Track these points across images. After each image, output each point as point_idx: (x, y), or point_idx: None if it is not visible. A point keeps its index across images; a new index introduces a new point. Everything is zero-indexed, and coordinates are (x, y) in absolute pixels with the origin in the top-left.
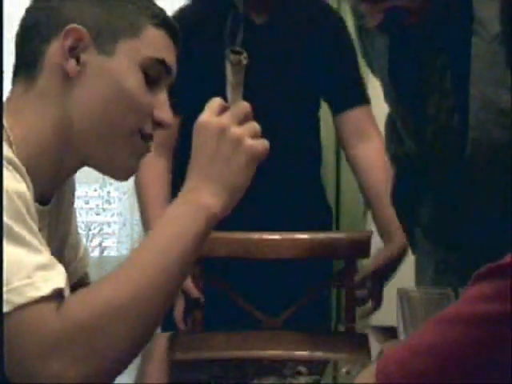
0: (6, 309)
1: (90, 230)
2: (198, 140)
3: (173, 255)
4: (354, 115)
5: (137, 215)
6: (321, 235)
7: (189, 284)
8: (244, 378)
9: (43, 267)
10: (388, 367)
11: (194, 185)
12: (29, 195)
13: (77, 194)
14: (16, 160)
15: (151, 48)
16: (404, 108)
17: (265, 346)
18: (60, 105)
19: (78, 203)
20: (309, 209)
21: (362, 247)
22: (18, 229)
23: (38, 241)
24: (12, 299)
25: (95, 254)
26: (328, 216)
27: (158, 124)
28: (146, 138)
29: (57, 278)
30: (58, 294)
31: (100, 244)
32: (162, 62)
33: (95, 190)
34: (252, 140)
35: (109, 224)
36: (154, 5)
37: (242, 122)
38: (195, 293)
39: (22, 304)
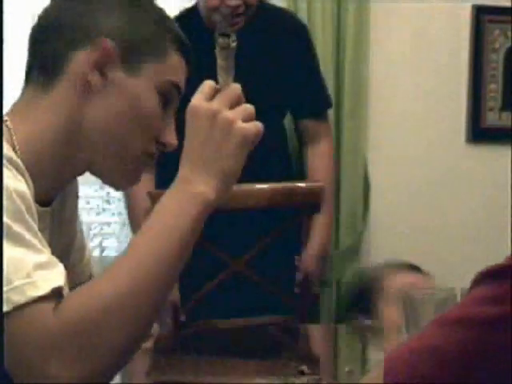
0: (5, 308)
1: (90, 229)
2: (190, 126)
3: (168, 246)
4: (308, 123)
5: None
6: (279, 185)
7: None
8: (245, 377)
9: (43, 266)
10: (395, 368)
11: (186, 173)
12: (29, 194)
13: None
14: (17, 159)
15: (172, 73)
16: None
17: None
18: (74, 113)
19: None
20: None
21: (315, 196)
22: (17, 228)
23: (37, 240)
24: (12, 298)
25: (95, 253)
26: None
27: (163, 145)
28: (149, 155)
29: (56, 276)
30: (57, 293)
31: (100, 244)
32: (178, 86)
33: (95, 191)
34: (244, 123)
35: (109, 224)
36: (175, 26)
37: (233, 105)
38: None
39: (21, 303)
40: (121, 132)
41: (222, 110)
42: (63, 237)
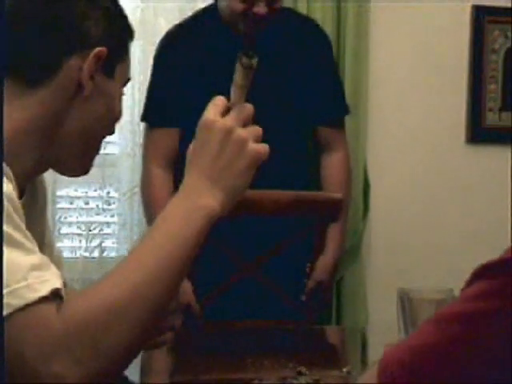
0: (5, 312)
1: (89, 230)
2: (201, 138)
3: (171, 254)
4: (325, 131)
5: (136, 216)
6: (302, 193)
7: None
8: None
9: (38, 268)
10: (390, 367)
11: (194, 183)
12: (15, 195)
13: (77, 194)
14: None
15: (129, 69)
16: None
17: None
18: (59, 113)
19: (77, 204)
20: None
21: (335, 206)
22: (8, 230)
23: (28, 240)
24: (10, 302)
25: (95, 254)
26: None
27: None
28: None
29: (52, 278)
30: (55, 295)
31: (100, 244)
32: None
33: (95, 191)
34: (254, 144)
35: (108, 224)
36: (129, 21)
37: (245, 124)
38: (196, 311)
39: (20, 306)
40: (96, 130)
41: (236, 127)
42: (35, 233)
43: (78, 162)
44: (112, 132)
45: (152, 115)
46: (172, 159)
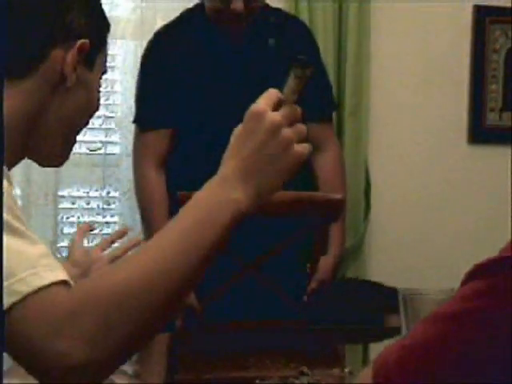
0: (13, 299)
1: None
2: (248, 126)
3: (193, 240)
4: (315, 127)
5: (136, 216)
6: (304, 193)
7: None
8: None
9: (45, 256)
10: (385, 366)
11: (229, 174)
12: (11, 189)
13: (77, 194)
14: None
15: (106, 61)
16: None
17: None
18: (42, 104)
19: (78, 203)
20: None
21: (336, 206)
22: (14, 222)
23: (30, 232)
24: (20, 289)
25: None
26: None
27: None
28: None
29: (59, 268)
30: (65, 282)
31: None
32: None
33: (96, 191)
34: (298, 146)
35: (109, 224)
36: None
37: (292, 123)
38: (197, 311)
39: (30, 292)
40: (75, 121)
41: (285, 125)
42: None
43: (56, 153)
44: (87, 123)
45: (143, 118)
46: (164, 159)
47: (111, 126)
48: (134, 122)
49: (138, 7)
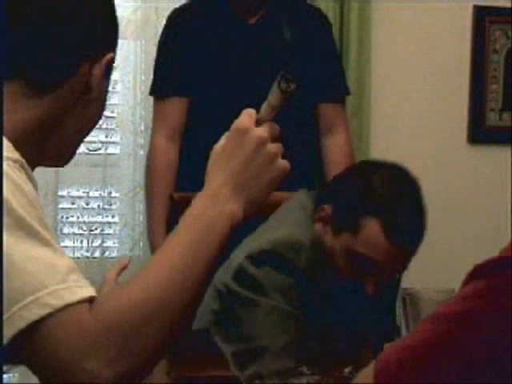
0: (43, 312)
1: (91, 230)
2: (233, 142)
3: (198, 259)
4: (328, 108)
5: (137, 216)
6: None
7: None
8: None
9: (73, 271)
10: (386, 367)
11: (220, 188)
12: (31, 186)
13: (78, 194)
14: (21, 159)
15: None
16: None
17: None
18: (63, 116)
19: (79, 204)
20: None
21: None
22: (45, 233)
23: (54, 239)
24: (52, 302)
25: (96, 254)
26: None
27: None
28: None
29: (87, 284)
30: (91, 299)
31: (101, 245)
32: None
33: (96, 191)
34: (282, 160)
35: (110, 225)
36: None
37: (274, 140)
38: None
39: (61, 307)
40: (89, 129)
41: (269, 140)
42: None
43: (63, 156)
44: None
45: (160, 86)
46: (179, 130)
47: (111, 125)
48: (151, 92)
49: (138, 7)
